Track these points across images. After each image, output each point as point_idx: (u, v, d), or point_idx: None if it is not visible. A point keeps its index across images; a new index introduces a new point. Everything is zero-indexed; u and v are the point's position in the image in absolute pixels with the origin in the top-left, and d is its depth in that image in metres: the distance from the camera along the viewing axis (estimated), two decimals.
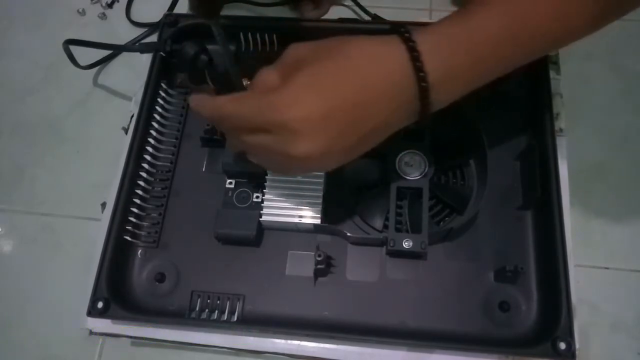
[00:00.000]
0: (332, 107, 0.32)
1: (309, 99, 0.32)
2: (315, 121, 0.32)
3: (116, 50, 0.57)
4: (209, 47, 0.38)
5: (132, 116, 0.51)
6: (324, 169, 0.40)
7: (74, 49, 0.52)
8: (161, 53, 0.51)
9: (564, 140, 0.47)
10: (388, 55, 0.33)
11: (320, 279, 0.45)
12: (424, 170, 0.45)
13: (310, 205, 0.45)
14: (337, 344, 0.43)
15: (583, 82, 0.54)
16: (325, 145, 0.33)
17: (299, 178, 0.46)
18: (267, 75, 0.35)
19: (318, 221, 0.44)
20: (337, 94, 0.33)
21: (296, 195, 0.45)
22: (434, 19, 0.39)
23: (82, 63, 0.54)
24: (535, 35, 0.34)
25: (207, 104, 0.36)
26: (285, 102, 0.32)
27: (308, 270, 0.44)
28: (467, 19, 0.34)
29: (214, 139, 0.49)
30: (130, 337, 0.44)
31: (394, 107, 0.34)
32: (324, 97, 0.32)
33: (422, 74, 0.32)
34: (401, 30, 0.33)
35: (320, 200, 0.45)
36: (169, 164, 0.50)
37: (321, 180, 0.45)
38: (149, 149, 0.49)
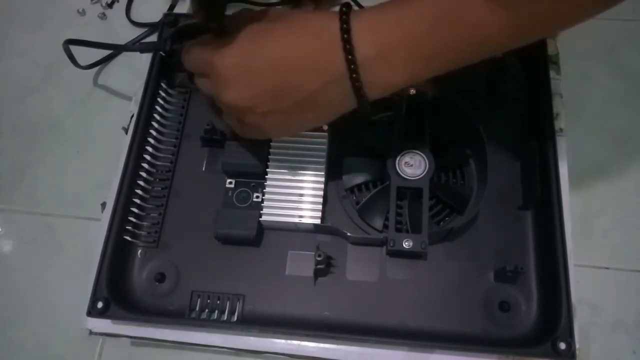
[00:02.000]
0: (255, 63, 0.35)
1: (238, 51, 0.35)
2: (239, 72, 0.35)
3: (116, 50, 0.57)
4: None
5: (132, 116, 0.51)
6: (269, 132, 0.40)
7: (74, 49, 0.52)
8: (161, 53, 0.51)
9: (564, 140, 0.47)
10: (324, 29, 0.34)
11: (320, 279, 0.45)
12: (424, 170, 0.45)
13: (310, 205, 0.45)
14: (337, 344, 0.43)
15: (583, 82, 0.54)
16: (250, 97, 0.35)
17: (299, 178, 0.46)
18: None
19: (318, 221, 0.44)
20: (264, 54, 0.34)
21: (296, 195, 0.45)
22: None
23: (82, 63, 0.54)
24: (472, 26, 0.33)
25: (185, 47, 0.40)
26: (218, 49, 0.35)
27: (308, 270, 0.44)
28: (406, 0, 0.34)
29: (214, 138, 0.49)
30: (130, 337, 0.44)
31: (325, 80, 0.34)
32: (250, 52, 0.35)
33: (348, 47, 0.33)
34: (342, 7, 0.34)
35: (320, 200, 0.45)
36: (168, 164, 0.50)
37: (322, 180, 0.45)
38: (149, 148, 0.49)
